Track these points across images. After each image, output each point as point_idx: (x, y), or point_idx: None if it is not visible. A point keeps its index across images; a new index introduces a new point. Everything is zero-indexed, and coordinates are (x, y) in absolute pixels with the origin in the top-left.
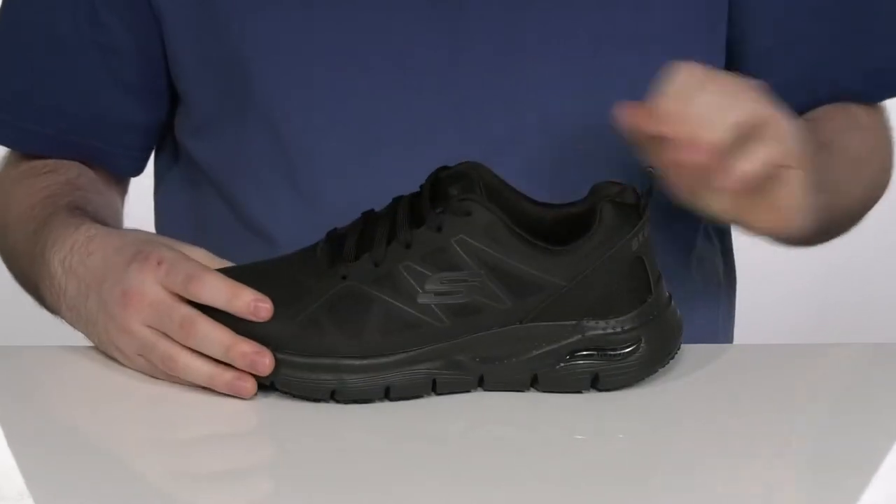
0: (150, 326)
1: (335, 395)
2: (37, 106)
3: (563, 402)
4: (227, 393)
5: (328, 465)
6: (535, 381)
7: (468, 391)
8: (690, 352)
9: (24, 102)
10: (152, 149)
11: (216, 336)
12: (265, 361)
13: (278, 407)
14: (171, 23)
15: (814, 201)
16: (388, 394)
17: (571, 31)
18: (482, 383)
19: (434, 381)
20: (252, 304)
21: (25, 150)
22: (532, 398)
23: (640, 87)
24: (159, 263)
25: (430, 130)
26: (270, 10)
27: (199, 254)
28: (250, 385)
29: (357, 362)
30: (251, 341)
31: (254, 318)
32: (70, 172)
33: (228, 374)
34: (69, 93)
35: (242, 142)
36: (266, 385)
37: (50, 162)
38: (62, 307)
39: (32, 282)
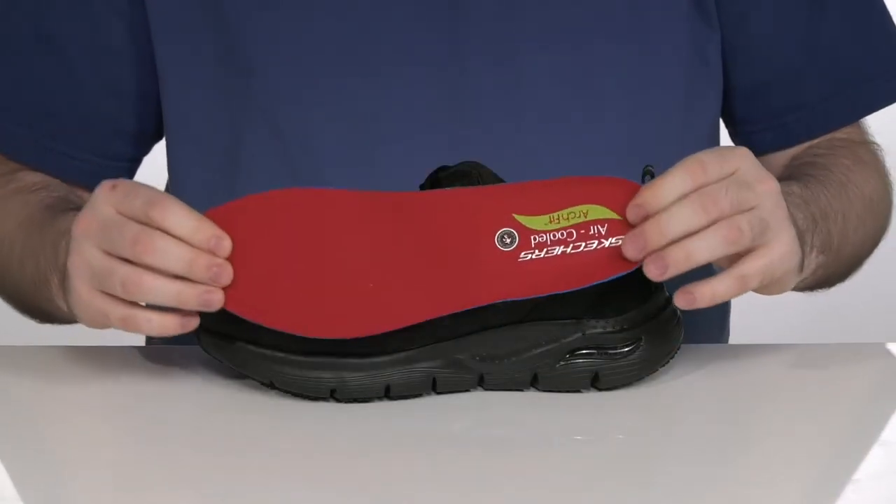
0: (103, 251)
1: (335, 394)
2: (22, 106)
3: (563, 401)
4: (195, 309)
5: (327, 465)
6: (535, 380)
7: (468, 390)
8: (690, 352)
9: (8, 102)
10: (140, 160)
11: (177, 250)
12: (228, 272)
13: (278, 406)
14: (165, 18)
15: (805, 271)
16: (388, 392)
17: (568, 27)
18: (482, 382)
19: (434, 380)
20: (213, 238)
21: (6, 153)
22: (532, 398)
23: (638, 79)
24: (114, 187)
25: (429, 126)
26: (271, 5)
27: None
28: (220, 296)
29: (357, 361)
30: (208, 254)
31: (212, 255)
32: (61, 190)
33: (197, 288)
34: (57, 93)
35: (240, 139)
36: (266, 384)
37: (39, 181)
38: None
39: (34, 288)
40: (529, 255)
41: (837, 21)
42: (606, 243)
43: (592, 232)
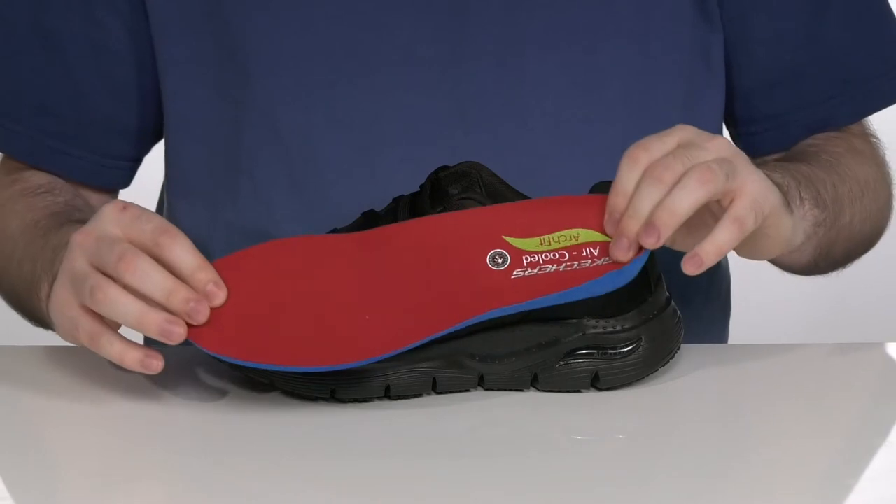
0: (90, 263)
1: (335, 394)
2: (21, 104)
3: (563, 401)
4: (154, 337)
5: (327, 465)
6: (535, 380)
7: (468, 390)
8: (690, 352)
9: (7, 101)
10: (141, 159)
11: (158, 277)
12: (205, 310)
13: (278, 406)
14: (165, 19)
15: (804, 224)
16: (388, 392)
17: (571, 28)
18: (482, 382)
19: (434, 380)
20: (212, 283)
21: (5, 151)
22: (532, 398)
23: (640, 81)
24: (124, 209)
25: (431, 129)
26: (271, 7)
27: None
28: (182, 330)
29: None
30: (190, 288)
31: (204, 299)
32: (66, 194)
33: (160, 315)
34: (57, 92)
35: (240, 141)
36: (266, 384)
37: (45, 183)
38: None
39: (27, 290)
40: (522, 273)
41: (839, 21)
42: (599, 262)
43: (585, 254)
